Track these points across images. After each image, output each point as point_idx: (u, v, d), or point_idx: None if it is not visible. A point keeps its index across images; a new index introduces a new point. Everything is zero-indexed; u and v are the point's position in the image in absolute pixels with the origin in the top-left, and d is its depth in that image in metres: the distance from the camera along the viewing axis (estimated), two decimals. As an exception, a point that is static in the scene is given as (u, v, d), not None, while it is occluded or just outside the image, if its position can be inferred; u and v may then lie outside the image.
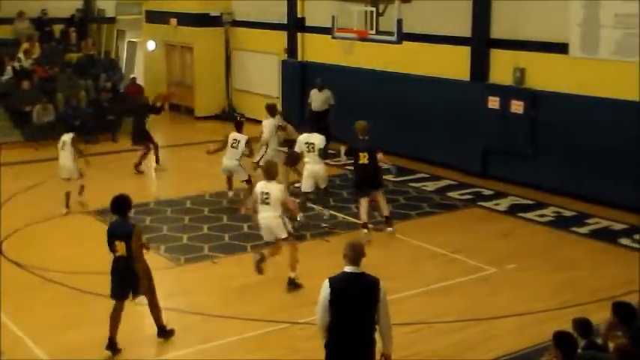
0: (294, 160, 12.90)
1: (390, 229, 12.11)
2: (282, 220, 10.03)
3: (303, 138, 12.73)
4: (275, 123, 14.21)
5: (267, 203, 9.94)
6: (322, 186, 12.92)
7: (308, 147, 12.56)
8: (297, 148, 12.81)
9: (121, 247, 8.38)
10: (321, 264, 11.09)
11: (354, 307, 6.12)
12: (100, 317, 9.26)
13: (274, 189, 9.93)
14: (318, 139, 12.61)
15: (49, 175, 15.88)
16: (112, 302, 8.64)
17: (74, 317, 9.30)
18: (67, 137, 13.70)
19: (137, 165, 16.50)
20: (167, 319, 9.56)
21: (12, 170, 16.32)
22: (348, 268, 6.15)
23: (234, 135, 13.67)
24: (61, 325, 9.07)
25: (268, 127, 14.01)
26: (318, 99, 17.42)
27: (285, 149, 14.42)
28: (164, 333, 8.85)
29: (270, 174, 10.05)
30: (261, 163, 12.64)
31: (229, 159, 13.60)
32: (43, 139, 18.73)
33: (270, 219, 9.94)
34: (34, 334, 8.77)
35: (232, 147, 13.55)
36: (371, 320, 6.14)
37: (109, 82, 21.41)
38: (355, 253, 6.14)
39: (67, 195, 13.59)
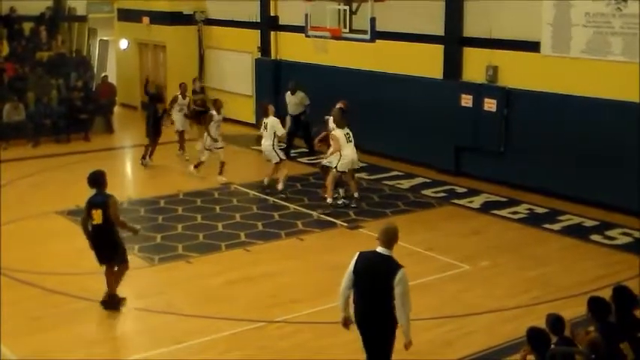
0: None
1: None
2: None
3: (341, 131, 13.38)
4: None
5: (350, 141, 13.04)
6: (357, 166, 14.02)
7: (347, 137, 13.32)
8: (336, 140, 13.42)
9: (97, 215, 9.16)
10: (295, 263, 11.14)
11: (369, 284, 6.57)
12: (70, 318, 9.19)
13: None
14: (348, 129, 13.51)
15: (19, 176, 15.73)
16: (83, 303, 8.84)
17: (44, 319, 9.18)
18: None
19: (143, 158, 16.87)
20: (139, 318, 9.52)
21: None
22: (378, 249, 6.63)
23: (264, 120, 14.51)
24: (31, 327, 8.94)
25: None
26: (292, 102, 17.43)
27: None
28: (112, 303, 9.29)
29: None
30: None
31: (263, 143, 14.52)
32: (13, 139, 18.50)
33: None
34: (3, 336, 8.61)
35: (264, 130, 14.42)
36: (384, 301, 6.49)
37: (81, 81, 21.20)
38: (387, 237, 6.62)
39: None
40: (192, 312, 9.35)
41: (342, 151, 13.25)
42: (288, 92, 17.60)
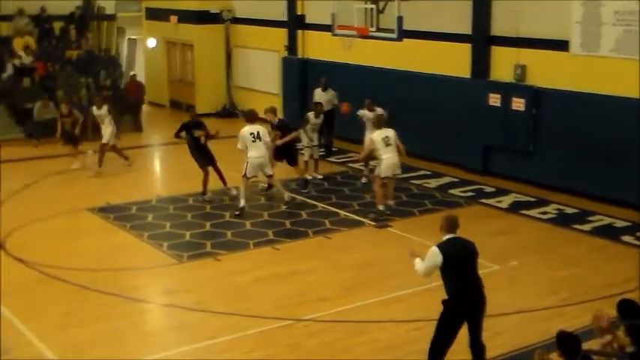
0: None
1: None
2: None
3: (379, 134, 12.91)
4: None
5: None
6: (399, 173, 13.38)
7: (385, 140, 12.81)
8: (370, 143, 13.09)
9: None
10: (322, 262, 11.17)
11: (468, 262, 7.29)
12: (101, 314, 9.31)
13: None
14: (392, 133, 13.00)
15: (50, 172, 15.94)
16: (114, 299, 9.04)
17: (77, 314, 9.30)
18: None
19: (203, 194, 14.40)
20: (168, 315, 9.62)
21: (13, 167, 16.32)
22: (448, 236, 7.28)
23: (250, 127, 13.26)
24: (64, 322, 9.07)
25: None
26: (322, 99, 16.98)
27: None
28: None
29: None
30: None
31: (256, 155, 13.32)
32: (44, 137, 18.74)
33: None
34: (37, 331, 8.77)
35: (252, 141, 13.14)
36: (477, 270, 7.34)
37: (109, 80, 21.39)
38: (450, 223, 7.33)
39: None
40: (221, 309, 9.41)
41: (381, 155, 12.81)
42: (319, 89, 17.39)
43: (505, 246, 11.74)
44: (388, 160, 12.84)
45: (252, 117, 13.59)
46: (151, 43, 24.61)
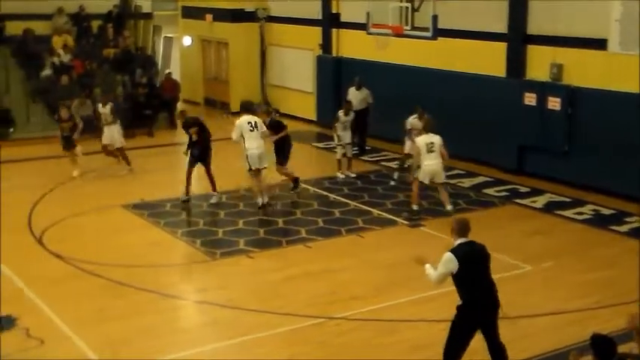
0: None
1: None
2: None
3: (423, 139, 12.81)
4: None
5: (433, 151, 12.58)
6: (440, 181, 13.06)
7: (428, 146, 12.74)
8: (415, 147, 13.06)
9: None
10: (355, 260, 11.17)
11: (482, 266, 7.13)
12: (134, 309, 9.43)
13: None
14: (437, 139, 12.88)
15: (87, 169, 16.16)
16: (148, 295, 9.10)
17: (110, 309, 9.43)
18: None
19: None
20: (201, 312, 9.70)
21: (52, 163, 16.59)
22: (460, 240, 7.08)
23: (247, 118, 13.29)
24: (98, 317, 9.20)
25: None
26: (356, 98, 17.02)
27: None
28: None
29: None
30: None
31: (254, 145, 13.23)
32: (81, 134, 18.94)
33: None
34: (73, 325, 8.90)
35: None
36: (490, 274, 7.20)
37: (145, 78, 21.62)
38: (462, 226, 7.13)
39: None
40: (253, 307, 9.46)
41: (423, 160, 12.70)
42: (353, 88, 17.33)
43: (539, 246, 11.63)
44: (429, 167, 12.75)
45: (249, 108, 14.05)
46: (187, 41, 24.81)
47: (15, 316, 9.03)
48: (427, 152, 12.74)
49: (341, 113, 15.24)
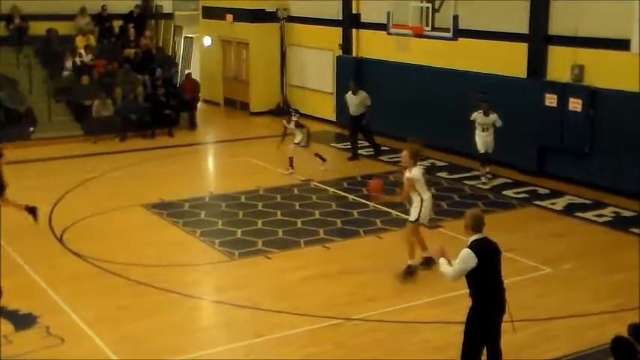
0: None
1: None
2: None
3: (418, 169, 10.43)
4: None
5: None
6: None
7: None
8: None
9: None
10: (373, 261, 11.15)
11: (497, 264, 6.98)
12: (153, 308, 9.47)
13: None
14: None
15: (107, 169, 16.28)
16: (166, 294, 8.94)
17: (129, 308, 9.48)
18: None
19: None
20: (219, 312, 9.73)
21: (71, 163, 16.72)
22: (476, 236, 6.90)
23: None
24: (117, 316, 9.26)
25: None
26: (353, 103, 16.79)
27: None
28: None
29: None
30: None
31: None
32: (102, 134, 19.12)
33: None
34: (92, 324, 8.96)
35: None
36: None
37: (164, 78, 21.69)
38: (477, 221, 6.92)
39: None
40: (271, 307, 9.47)
41: (423, 195, 10.39)
42: (349, 92, 17.01)
43: (559, 248, 11.54)
44: (430, 201, 10.54)
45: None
46: (207, 41, 24.91)
47: (36, 314, 9.11)
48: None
49: None
